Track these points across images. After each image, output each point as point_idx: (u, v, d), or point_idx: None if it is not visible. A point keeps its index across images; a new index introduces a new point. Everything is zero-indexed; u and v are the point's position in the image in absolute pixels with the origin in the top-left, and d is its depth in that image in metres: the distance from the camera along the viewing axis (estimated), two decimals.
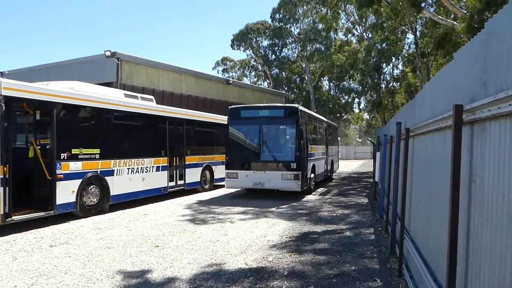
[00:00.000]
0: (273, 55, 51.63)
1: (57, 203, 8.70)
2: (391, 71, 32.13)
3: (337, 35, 37.81)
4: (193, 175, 14.51)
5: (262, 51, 51.62)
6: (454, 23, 16.18)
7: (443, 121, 3.18)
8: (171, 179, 13.16)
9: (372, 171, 18.46)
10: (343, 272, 5.53)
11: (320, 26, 38.07)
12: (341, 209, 11.24)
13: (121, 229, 8.40)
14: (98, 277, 5.26)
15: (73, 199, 9.16)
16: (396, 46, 25.39)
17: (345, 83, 49.41)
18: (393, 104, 30.41)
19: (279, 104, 15.36)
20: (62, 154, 8.89)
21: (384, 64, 27.54)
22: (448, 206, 2.61)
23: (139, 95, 12.81)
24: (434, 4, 21.53)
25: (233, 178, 12.99)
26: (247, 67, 54.81)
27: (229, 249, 6.76)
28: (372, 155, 28.32)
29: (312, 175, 14.39)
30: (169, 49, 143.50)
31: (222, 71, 53.84)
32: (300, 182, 12.31)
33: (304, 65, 46.98)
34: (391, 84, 31.09)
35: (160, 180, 12.57)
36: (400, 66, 31.85)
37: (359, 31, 32.86)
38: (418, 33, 24.23)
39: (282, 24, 45.66)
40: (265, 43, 51.13)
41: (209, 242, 7.26)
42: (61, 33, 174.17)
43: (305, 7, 41.85)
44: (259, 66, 53.98)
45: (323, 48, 41.55)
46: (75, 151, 9.26)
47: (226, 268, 5.69)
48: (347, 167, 34.84)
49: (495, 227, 2.07)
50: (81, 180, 9.38)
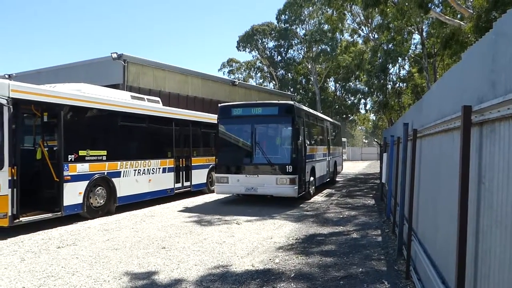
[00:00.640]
0: (279, 56, 51.76)
1: (64, 204, 8.76)
2: (398, 71, 32.05)
3: (343, 36, 37.76)
4: (199, 176, 14.55)
5: (268, 52, 51.74)
6: (461, 23, 16.08)
7: (451, 122, 3.16)
8: (177, 180, 13.20)
9: (378, 172, 18.38)
10: (350, 274, 5.51)
11: (326, 27, 37.96)
12: (347, 210, 11.19)
13: (128, 230, 8.44)
14: (105, 279, 5.29)
15: (80, 201, 9.22)
16: (403, 47, 25.27)
17: (351, 84, 49.43)
18: (399, 105, 30.26)
19: (273, 101, 14.16)
20: (69, 156, 8.95)
21: (391, 65, 27.42)
22: (456, 208, 2.59)
23: (146, 97, 12.87)
24: (440, 4, 21.41)
25: (223, 182, 11.94)
26: (252, 69, 54.99)
27: (235, 251, 6.76)
28: (378, 156, 28.23)
29: (311, 179, 13.43)
30: (175, 50, 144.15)
31: (228, 72, 54.07)
32: (297, 187, 11.37)
33: (310, 66, 46.95)
34: (397, 85, 30.94)
35: (167, 181, 12.61)
36: (407, 67, 31.73)
37: (365, 32, 32.75)
38: (424, 34, 24.12)
39: (288, 25, 45.69)
40: (271, 44, 51.34)
41: (216, 243, 7.26)
42: (68, 35, 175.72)
43: (310, 8, 41.83)
44: (265, 68, 54.09)
45: (329, 49, 41.54)
46: (82, 152, 9.31)
47: (233, 270, 5.69)
48: (354, 168, 34.73)
49: (505, 229, 2.05)
50: (88, 182, 9.43)
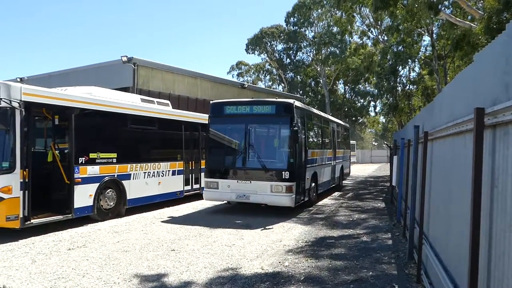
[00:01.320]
0: (288, 59, 51.64)
1: (75, 206, 8.83)
2: (408, 73, 31.80)
3: (352, 38, 37.55)
4: None
5: (277, 55, 51.69)
6: (472, 24, 15.93)
7: (464, 124, 3.12)
8: (186, 183, 13.23)
9: (388, 175, 18.24)
10: (360, 277, 5.47)
11: (335, 29, 37.89)
12: (357, 213, 11.12)
13: (138, 232, 8.47)
14: (115, 281, 5.31)
15: (91, 203, 9.28)
16: (412, 49, 25.09)
17: (360, 86, 49.14)
18: (409, 107, 30.04)
19: (271, 99, 12.72)
20: (80, 158, 9.02)
21: (400, 67, 27.22)
22: (469, 212, 2.56)
23: (155, 99, 12.94)
24: (450, 6, 21.23)
25: (212, 188, 10.73)
26: (261, 71, 54.98)
27: (245, 254, 6.75)
28: (388, 159, 28.00)
29: (312, 185, 12.14)
30: (184, 53, 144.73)
31: (237, 75, 54.09)
32: (294, 196, 10.07)
33: (319, 69, 46.79)
34: (407, 87, 30.68)
35: (176, 184, 12.65)
36: (417, 69, 31.49)
37: (374, 34, 32.62)
38: (434, 35, 23.92)
39: (297, 27, 45.59)
40: (280, 47, 51.22)
41: (225, 246, 7.26)
42: (78, 38, 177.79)
43: (319, 10, 41.69)
44: (274, 70, 54.03)
45: (338, 51, 41.34)
46: (92, 155, 9.38)
47: (242, 273, 5.68)
48: (363, 171, 34.53)
49: None
50: (98, 184, 9.50)
